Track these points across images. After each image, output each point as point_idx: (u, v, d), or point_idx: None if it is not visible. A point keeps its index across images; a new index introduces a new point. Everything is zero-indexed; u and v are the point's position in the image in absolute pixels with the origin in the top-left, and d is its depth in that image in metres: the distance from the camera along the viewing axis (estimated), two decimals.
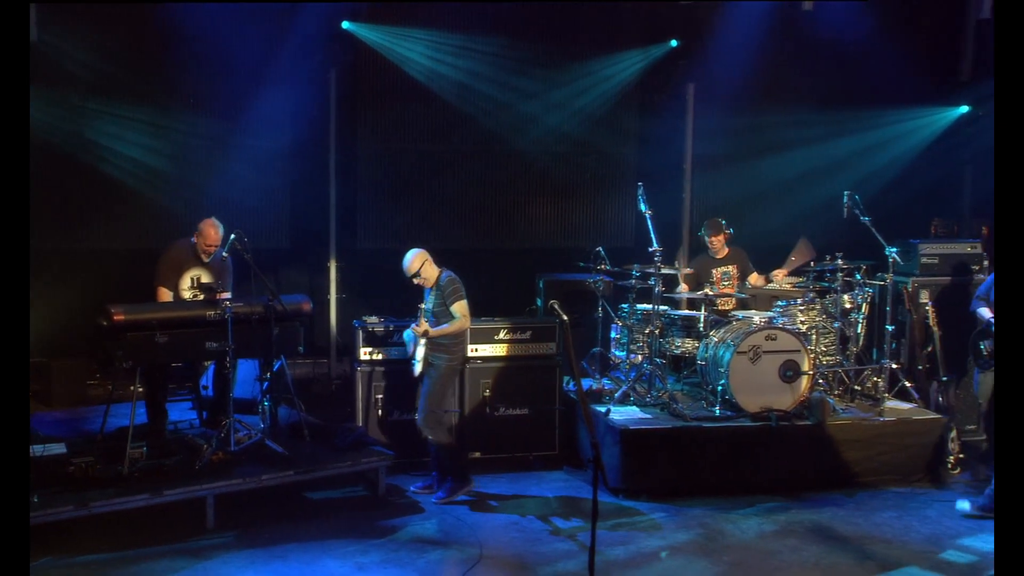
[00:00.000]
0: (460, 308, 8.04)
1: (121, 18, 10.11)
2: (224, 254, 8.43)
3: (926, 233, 11.83)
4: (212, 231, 8.48)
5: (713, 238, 10.08)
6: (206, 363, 8.71)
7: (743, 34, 11.52)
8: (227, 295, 8.29)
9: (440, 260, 8.19)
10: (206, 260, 8.53)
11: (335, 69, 11.02)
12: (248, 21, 10.44)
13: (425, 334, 7.93)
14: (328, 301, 11.18)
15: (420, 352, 8.00)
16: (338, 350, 11.20)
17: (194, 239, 8.52)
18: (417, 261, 8.01)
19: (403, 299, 8.83)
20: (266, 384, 8.46)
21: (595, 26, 11.60)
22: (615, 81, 11.68)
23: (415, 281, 8.08)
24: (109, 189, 10.29)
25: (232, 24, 10.31)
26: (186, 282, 8.46)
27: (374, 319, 9.07)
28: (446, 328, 7.99)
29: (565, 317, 5.82)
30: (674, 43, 11.75)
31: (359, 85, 11.27)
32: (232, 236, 8.27)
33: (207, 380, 8.76)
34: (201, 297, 8.19)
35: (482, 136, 11.45)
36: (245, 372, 8.86)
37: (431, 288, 8.08)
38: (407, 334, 8.29)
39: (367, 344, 8.97)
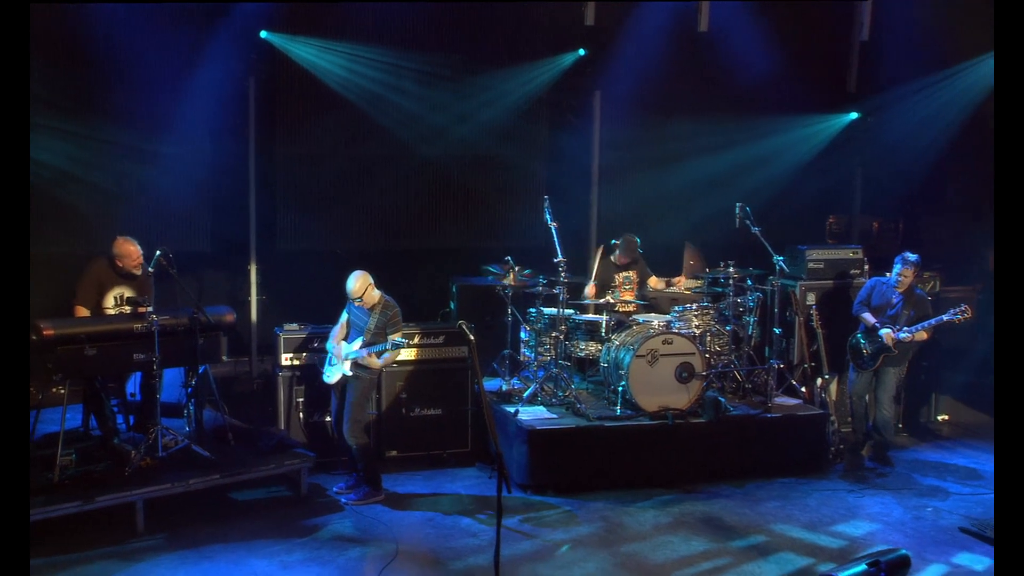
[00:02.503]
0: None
1: (39, 28, 10.10)
2: (150, 269, 8.63)
3: (822, 232, 12.60)
4: (132, 248, 8.57)
5: (622, 258, 10.62)
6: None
7: (646, 47, 12.07)
8: (150, 308, 8.49)
9: (358, 264, 8.57)
10: (137, 274, 8.62)
11: (254, 78, 11.21)
12: (167, 30, 10.62)
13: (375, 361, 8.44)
14: (249, 303, 11.46)
15: (346, 366, 8.47)
16: (259, 350, 11.52)
17: (117, 261, 8.58)
18: (361, 285, 8.39)
19: (321, 299, 9.34)
20: (191, 390, 8.80)
21: (504, 38, 11.95)
22: (524, 91, 12.05)
23: (355, 303, 8.50)
24: (31, 197, 10.37)
25: (151, 34, 10.50)
26: (110, 300, 8.58)
27: (294, 326, 9.52)
28: (388, 358, 8.52)
29: (472, 338, 6.29)
30: (582, 52, 12.21)
31: (277, 93, 11.46)
32: (157, 252, 8.51)
33: (134, 387, 9.01)
34: (128, 311, 8.41)
35: (396, 144, 11.72)
36: (171, 376, 9.13)
37: (369, 308, 8.49)
38: (330, 346, 8.72)
39: (288, 350, 9.41)
